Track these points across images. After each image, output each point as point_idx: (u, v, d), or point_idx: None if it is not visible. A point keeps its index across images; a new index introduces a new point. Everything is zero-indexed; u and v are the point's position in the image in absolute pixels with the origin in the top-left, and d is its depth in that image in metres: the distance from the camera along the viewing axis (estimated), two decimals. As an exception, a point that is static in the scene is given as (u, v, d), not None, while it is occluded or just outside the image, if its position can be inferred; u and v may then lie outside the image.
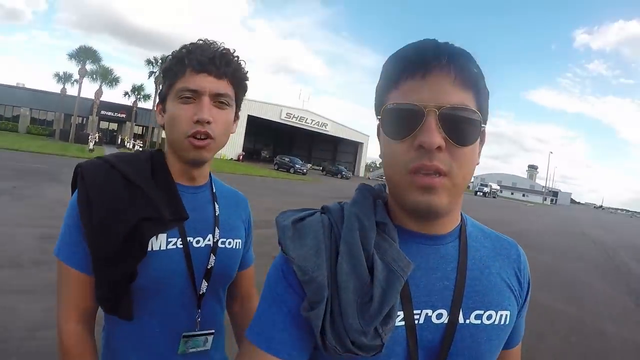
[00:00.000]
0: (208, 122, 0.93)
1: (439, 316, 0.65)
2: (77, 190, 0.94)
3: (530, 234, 15.04)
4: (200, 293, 1.01)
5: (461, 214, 0.75)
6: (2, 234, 5.46)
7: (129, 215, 0.90)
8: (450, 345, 0.65)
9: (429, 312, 0.65)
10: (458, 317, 0.65)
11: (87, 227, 0.89)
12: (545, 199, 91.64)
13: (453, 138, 0.60)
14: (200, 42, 0.99)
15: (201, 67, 0.94)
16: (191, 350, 1.01)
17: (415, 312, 0.64)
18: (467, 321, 0.66)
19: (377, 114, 0.68)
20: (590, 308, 6.09)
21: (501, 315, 0.68)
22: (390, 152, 0.64)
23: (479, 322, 0.67)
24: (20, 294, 3.68)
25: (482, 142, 0.69)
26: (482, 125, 0.64)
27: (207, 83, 0.94)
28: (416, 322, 0.64)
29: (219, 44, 1.00)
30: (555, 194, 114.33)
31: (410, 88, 0.61)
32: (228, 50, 1.00)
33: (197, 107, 0.94)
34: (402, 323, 0.64)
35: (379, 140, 0.69)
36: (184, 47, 0.98)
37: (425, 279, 0.66)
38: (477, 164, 0.68)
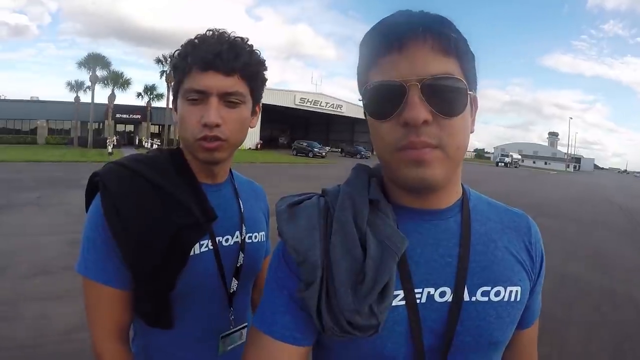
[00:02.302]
0: (217, 125, 0.88)
1: (442, 294, 0.63)
2: (98, 202, 0.87)
3: (554, 202, 14.76)
4: (231, 291, 1.01)
5: (463, 187, 0.72)
6: (31, 243, 5.64)
7: (166, 224, 0.85)
8: (456, 324, 0.63)
9: (431, 290, 0.63)
10: (463, 294, 0.63)
11: (121, 242, 0.83)
12: (568, 166, 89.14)
13: (439, 110, 0.57)
14: (209, 33, 0.91)
15: (207, 65, 0.86)
16: (229, 347, 1.02)
17: (416, 290, 0.63)
18: (473, 298, 0.64)
19: (360, 95, 0.65)
20: (620, 277, 5.95)
21: (511, 292, 0.66)
22: (376, 132, 0.61)
23: (486, 299, 0.64)
24: (53, 300, 3.81)
25: (474, 109, 0.66)
26: (469, 92, 0.60)
27: (215, 82, 0.87)
28: (418, 301, 0.63)
29: (228, 34, 0.92)
30: (578, 160, 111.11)
31: (389, 64, 0.58)
32: (240, 40, 0.92)
33: (205, 108, 0.87)
34: (403, 302, 0.62)
35: (367, 120, 0.66)
36: (190, 41, 0.91)
37: (425, 256, 0.65)
38: (472, 132, 0.65)
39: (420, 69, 0.56)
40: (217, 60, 0.87)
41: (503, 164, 61.01)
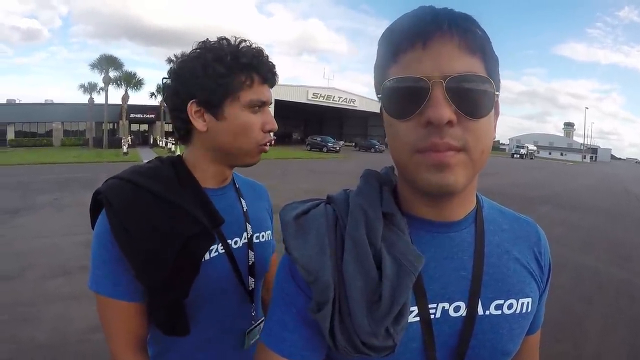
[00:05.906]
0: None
1: (457, 309, 0.62)
2: (104, 219, 0.88)
3: (571, 193, 14.52)
4: (250, 289, 1.04)
5: (477, 196, 0.69)
6: (49, 244, 5.78)
7: (174, 236, 0.86)
8: (469, 339, 0.61)
9: (446, 305, 0.62)
10: (477, 308, 0.62)
11: (130, 258, 0.84)
12: (584, 157, 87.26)
13: (465, 110, 0.53)
14: (235, 40, 0.97)
15: (265, 80, 0.99)
16: (252, 342, 1.05)
17: (430, 306, 0.61)
18: (487, 312, 0.62)
19: (377, 93, 0.61)
20: (639, 269, 5.81)
21: (522, 303, 0.65)
22: (394, 132, 0.57)
23: (499, 312, 0.63)
24: (72, 300, 3.89)
25: (496, 114, 0.63)
26: (497, 93, 0.57)
27: (269, 93, 1.00)
28: (432, 316, 0.61)
29: (250, 43, 0.99)
30: (594, 150, 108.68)
31: (411, 60, 0.55)
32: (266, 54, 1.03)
33: (264, 116, 0.98)
34: (417, 319, 0.60)
35: (382, 119, 0.62)
36: (228, 47, 0.95)
37: (440, 270, 0.62)
38: (494, 138, 0.62)
39: (445, 66, 0.53)
40: (272, 77, 1.01)
41: (518, 156, 60.15)
